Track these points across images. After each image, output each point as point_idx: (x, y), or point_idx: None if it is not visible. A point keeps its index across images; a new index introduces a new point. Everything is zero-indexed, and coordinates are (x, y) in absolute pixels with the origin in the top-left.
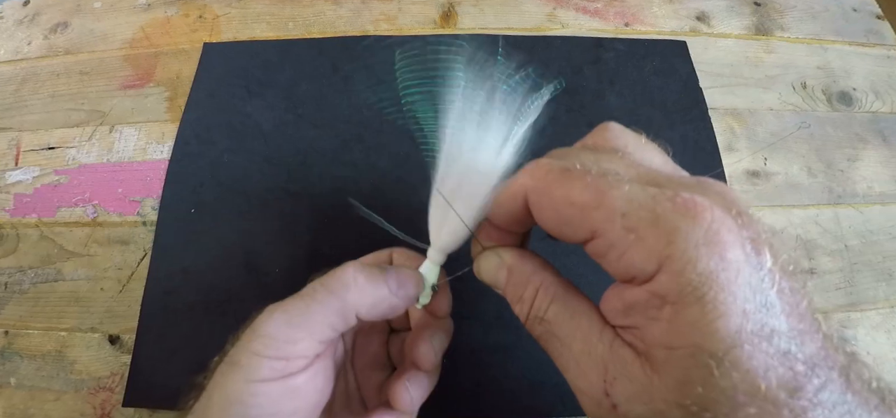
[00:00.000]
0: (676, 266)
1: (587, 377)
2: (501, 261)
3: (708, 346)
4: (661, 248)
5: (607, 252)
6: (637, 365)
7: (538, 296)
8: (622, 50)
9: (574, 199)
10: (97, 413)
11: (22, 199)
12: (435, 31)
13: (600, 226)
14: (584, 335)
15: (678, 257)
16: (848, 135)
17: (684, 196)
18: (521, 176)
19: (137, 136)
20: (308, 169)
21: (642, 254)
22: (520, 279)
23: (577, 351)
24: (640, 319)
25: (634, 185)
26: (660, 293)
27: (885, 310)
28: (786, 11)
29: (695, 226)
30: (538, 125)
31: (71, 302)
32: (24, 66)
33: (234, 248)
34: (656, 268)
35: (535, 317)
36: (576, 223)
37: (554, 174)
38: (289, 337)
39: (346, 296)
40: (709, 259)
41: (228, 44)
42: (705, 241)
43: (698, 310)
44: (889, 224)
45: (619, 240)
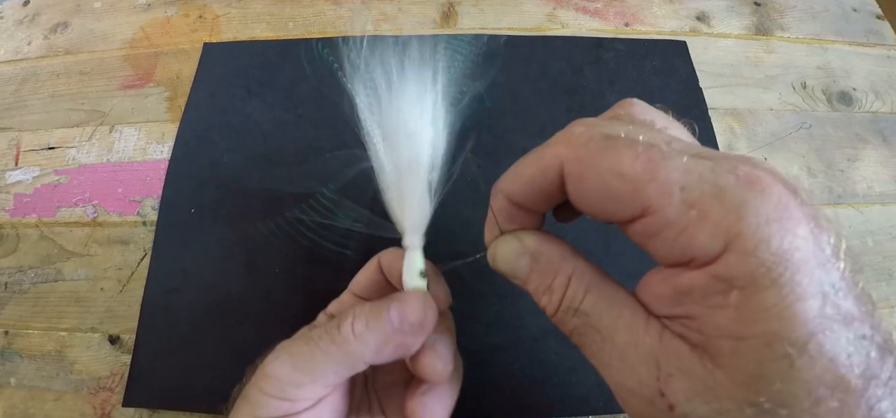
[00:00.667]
0: (748, 245)
1: (636, 374)
2: (523, 246)
3: (787, 334)
4: (728, 225)
5: (661, 231)
6: (695, 358)
7: (571, 284)
8: (622, 50)
9: (624, 171)
10: (97, 413)
11: (22, 199)
12: (435, 31)
13: (655, 201)
14: (627, 326)
15: (749, 235)
16: (848, 135)
17: (744, 168)
18: (553, 144)
19: (137, 136)
20: (308, 169)
21: (706, 232)
22: (547, 267)
23: (621, 345)
24: (696, 307)
25: (690, 157)
26: (725, 276)
27: (885, 310)
28: (786, 11)
29: (764, 201)
30: (538, 125)
31: (71, 302)
32: (24, 66)
33: (234, 248)
34: (722, 249)
35: (569, 309)
36: (625, 198)
37: (597, 142)
38: (293, 380)
39: (348, 348)
40: (782, 236)
41: (228, 44)
42: (777, 217)
43: (774, 294)
44: (889, 224)
45: (678, 216)
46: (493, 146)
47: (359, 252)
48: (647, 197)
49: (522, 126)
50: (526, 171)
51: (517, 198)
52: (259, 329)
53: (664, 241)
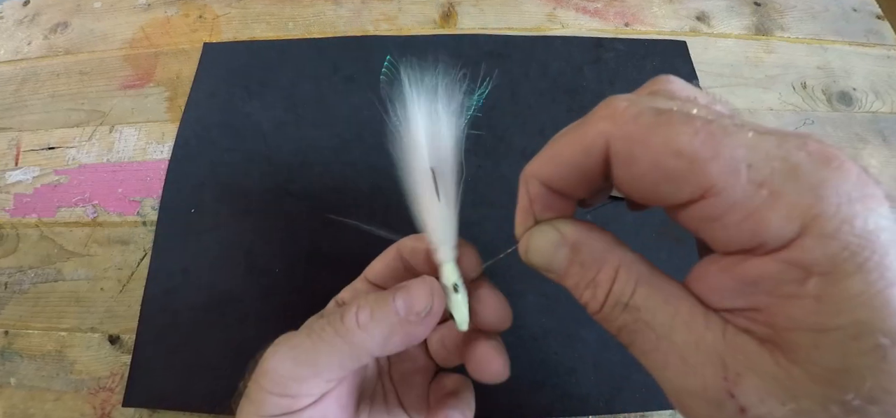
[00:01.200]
0: (829, 226)
1: (700, 375)
2: (562, 236)
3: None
4: (805, 206)
5: (724, 214)
6: (766, 354)
7: (619, 276)
8: (622, 50)
9: (682, 148)
10: (97, 413)
11: (22, 199)
12: (435, 31)
13: (719, 180)
14: (685, 323)
15: (831, 215)
16: (848, 135)
17: (814, 143)
18: (596, 120)
19: (137, 136)
20: (308, 169)
21: (779, 214)
22: (589, 258)
23: (680, 343)
24: (765, 298)
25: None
26: (802, 262)
27: None
28: (786, 11)
29: (844, 179)
30: (538, 125)
31: (71, 302)
32: (24, 66)
33: (234, 248)
34: (798, 232)
35: (618, 304)
36: (683, 179)
37: (647, 117)
38: (295, 375)
39: (353, 339)
40: (867, 216)
41: (228, 44)
42: (860, 196)
43: (861, 280)
44: None
45: (746, 197)
46: (493, 146)
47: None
48: (710, 176)
49: (522, 126)
50: (564, 152)
51: (554, 183)
52: (259, 329)
53: (727, 226)
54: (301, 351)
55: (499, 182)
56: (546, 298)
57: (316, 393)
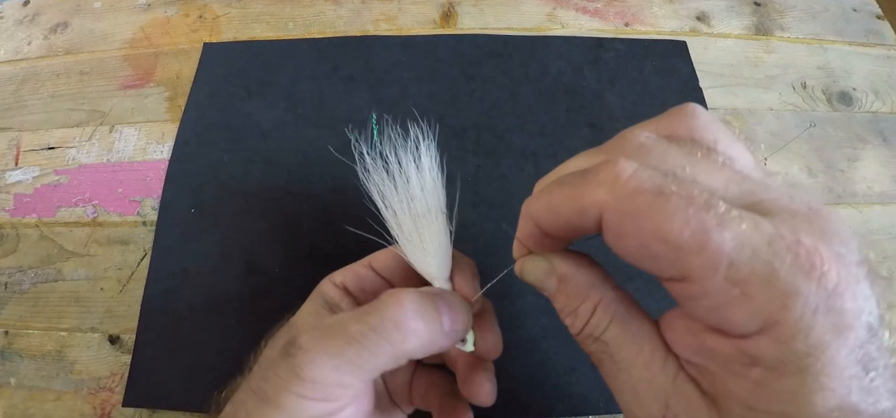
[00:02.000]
0: (785, 333)
1: (645, 407)
2: (552, 267)
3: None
4: (771, 311)
5: (698, 299)
6: (703, 407)
7: (596, 313)
8: (622, 50)
9: (670, 237)
10: (97, 413)
11: (22, 199)
12: (435, 31)
13: (697, 273)
14: (645, 363)
15: (790, 324)
16: (848, 135)
17: (807, 244)
18: (595, 186)
19: (137, 136)
20: (308, 169)
21: (745, 313)
22: (575, 291)
23: (635, 378)
24: (717, 368)
25: (749, 223)
26: (753, 354)
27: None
28: (786, 11)
29: (818, 290)
30: (538, 125)
31: (71, 302)
32: (24, 66)
33: (234, 248)
34: (757, 330)
35: (590, 336)
36: (665, 264)
37: (644, 197)
38: (338, 382)
39: (406, 346)
40: (824, 329)
41: (228, 44)
42: (826, 308)
43: (797, 382)
44: (889, 224)
45: (719, 292)
46: (492, 146)
47: None
48: (690, 268)
49: (522, 126)
50: (562, 208)
51: (548, 230)
52: (259, 329)
53: (699, 308)
54: (344, 359)
55: (499, 182)
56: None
57: (353, 394)
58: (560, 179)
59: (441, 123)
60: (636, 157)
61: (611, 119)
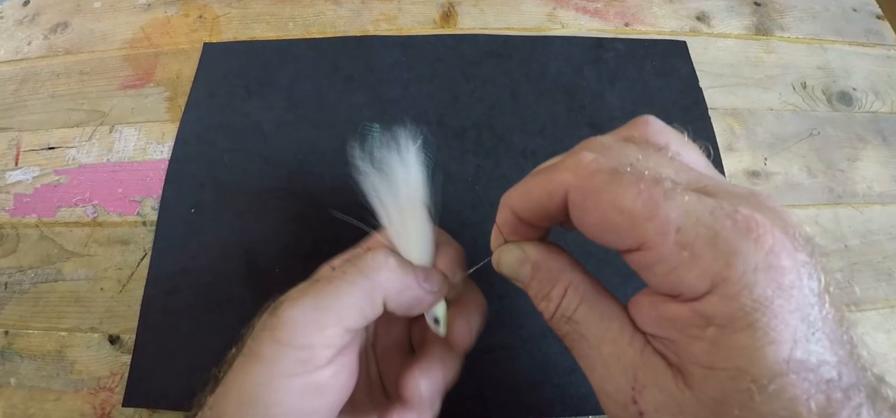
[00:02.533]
0: (732, 289)
1: (614, 381)
2: (525, 255)
3: (752, 372)
4: (717, 269)
5: (654, 265)
6: (669, 376)
7: (567, 295)
8: (622, 50)
9: (625, 206)
10: (97, 413)
11: (22, 199)
12: (435, 31)
13: (651, 238)
14: (613, 338)
15: (735, 281)
16: (848, 135)
17: (744, 212)
18: (561, 171)
19: (137, 136)
20: (308, 169)
21: (695, 273)
22: (546, 276)
23: (605, 354)
24: (677, 334)
25: (692, 196)
26: (706, 313)
27: (885, 310)
28: (786, 11)
29: (756, 249)
30: (538, 125)
31: (71, 302)
32: (24, 66)
33: (234, 248)
34: (708, 289)
35: (562, 317)
36: (623, 232)
37: (602, 175)
38: (316, 321)
39: (379, 276)
40: (766, 284)
41: (228, 44)
42: (765, 266)
43: (748, 336)
44: (889, 224)
45: (671, 255)
46: (492, 146)
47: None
48: (645, 233)
49: (522, 126)
50: (533, 192)
51: (523, 215)
52: None
53: (655, 274)
54: (323, 296)
55: (499, 182)
56: None
57: (335, 344)
58: (533, 172)
59: (441, 123)
60: (598, 150)
61: (611, 119)
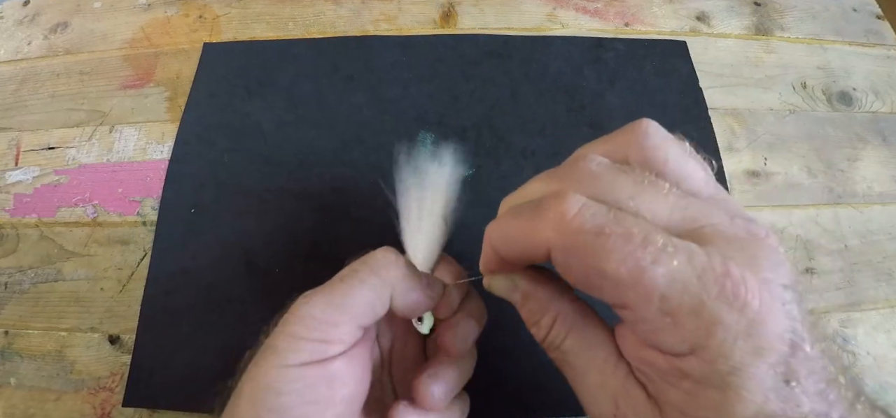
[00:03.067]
0: (709, 356)
1: (599, 406)
2: (514, 285)
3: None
4: (698, 338)
5: (635, 324)
6: (648, 408)
7: (555, 326)
8: (622, 50)
9: (608, 273)
10: (97, 413)
11: (22, 199)
12: (435, 31)
13: (633, 303)
14: (599, 368)
15: (714, 349)
16: (848, 135)
17: (735, 275)
18: (543, 224)
19: (137, 136)
20: (308, 169)
21: (675, 338)
22: (536, 306)
23: (590, 382)
24: (656, 378)
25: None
26: (684, 370)
27: (885, 310)
28: (786, 11)
29: (740, 318)
30: (538, 125)
31: (71, 302)
32: (24, 66)
33: (234, 248)
34: (686, 352)
35: (551, 346)
36: (606, 294)
37: (586, 236)
38: (331, 318)
39: (389, 273)
40: (744, 353)
41: (228, 44)
42: (747, 334)
43: (721, 395)
44: (889, 224)
45: (653, 320)
46: (492, 146)
47: None
48: (627, 299)
49: (522, 126)
50: (517, 241)
51: (506, 257)
52: (259, 329)
53: (637, 330)
54: (337, 293)
55: (499, 182)
56: None
57: (349, 339)
58: (514, 210)
59: (441, 123)
60: (587, 186)
61: (611, 119)
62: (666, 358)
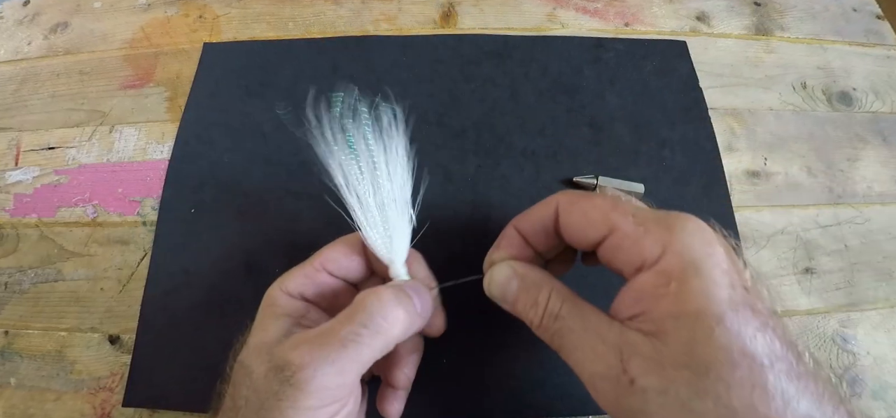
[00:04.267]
0: (677, 248)
1: (604, 360)
2: (513, 270)
3: (708, 309)
4: (664, 236)
5: (622, 242)
6: (647, 342)
7: (552, 297)
8: (622, 50)
9: (596, 204)
10: (97, 413)
11: (22, 199)
12: (435, 31)
13: (616, 221)
14: (595, 326)
15: (677, 242)
16: (848, 135)
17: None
18: (553, 197)
19: (137, 136)
20: (308, 169)
21: (650, 240)
22: (533, 284)
23: (592, 339)
24: (649, 302)
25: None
26: (666, 270)
27: (885, 310)
28: (786, 11)
29: (687, 223)
30: (538, 125)
31: (71, 302)
32: (24, 66)
33: (234, 248)
34: (661, 252)
35: (551, 316)
36: (597, 222)
37: (581, 194)
38: (340, 384)
39: (394, 333)
40: (701, 245)
41: (228, 44)
42: (696, 232)
43: (699, 282)
44: (889, 224)
45: (632, 231)
46: (492, 146)
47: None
48: (611, 220)
49: (522, 126)
50: (535, 211)
51: (525, 231)
52: None
53: (624, 251)
54: (344, 360)
55: (499, 182)
56: None
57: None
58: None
59: (441, 123)
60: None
61: (611, 119)
62: (651, 271)
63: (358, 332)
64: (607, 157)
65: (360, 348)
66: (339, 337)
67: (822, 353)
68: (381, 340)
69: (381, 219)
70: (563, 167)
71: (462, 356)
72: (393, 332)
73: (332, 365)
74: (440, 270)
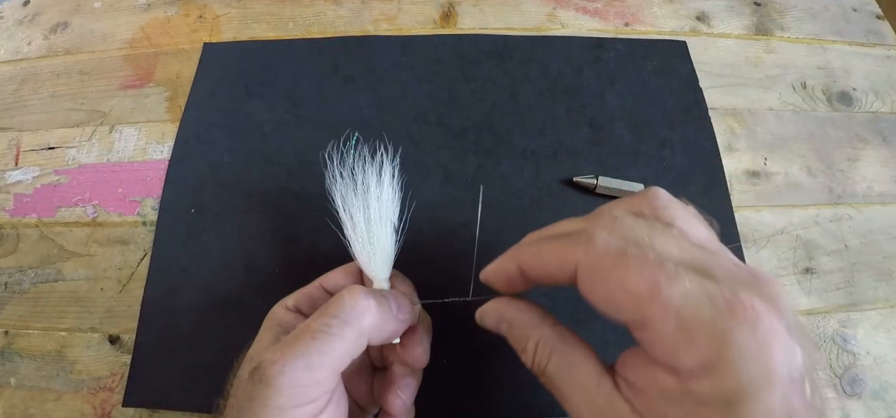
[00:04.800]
0: (721, 374)
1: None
2: (501, 316)
3: None
4: (711, 355)
5: (653, 342)
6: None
7: (538, 350)
8: (622, 50)
9: (630, 288)
10: (97, 413)
11: (22, 199)
12: (435, 31)
13: (652, 318)
14: (582, 387)
15: (726, 366)
16: (848, 135)
17: (743, 298)
18: (573, 247)
19: (137, 136)
20: (308, 169)
21: (690, 355)
22: (520, 333)
23: (576, 402)
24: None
25: (693, 279)
26: (692, 391)
27: (885, 310)
28: (786, 11)
29: (751, 336)
30: (538, 125)
31: (71, 302)
32: (24, 66)
33: (234, 248)
34: (699, 371)
35: (538, 369)
36: (627, 310)
37: (611, 257)
38: (312, 379)
39: (364, 322)
40: (755, 370)
41: (228, 44)
42: (757, 352)
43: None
44: (889, 224)
45: (670, 336)
46: (492, 146)
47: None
48: (647, 315)
49: (522, 126)
50: (546, 259)
51: (529, 274)
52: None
53: (653, 350)
54: (314, 354)
55: (499, 182)
56: (546, 297)
57: (331, 388)
58: (546, 239)
59: (441, 123)
60: (609, 227)
61: (611, 119)
62: (676, 378)
63: (328, 323)
64: (607, 157)
65: (329, 338)
66: (310, 330)
67: (822, 353)
68: (351, 331)
69: (368, 236)
70: (563, 167)
71: (462, 356)
72: (363, 322)
73: (301, 358)
74: (440, 270)
